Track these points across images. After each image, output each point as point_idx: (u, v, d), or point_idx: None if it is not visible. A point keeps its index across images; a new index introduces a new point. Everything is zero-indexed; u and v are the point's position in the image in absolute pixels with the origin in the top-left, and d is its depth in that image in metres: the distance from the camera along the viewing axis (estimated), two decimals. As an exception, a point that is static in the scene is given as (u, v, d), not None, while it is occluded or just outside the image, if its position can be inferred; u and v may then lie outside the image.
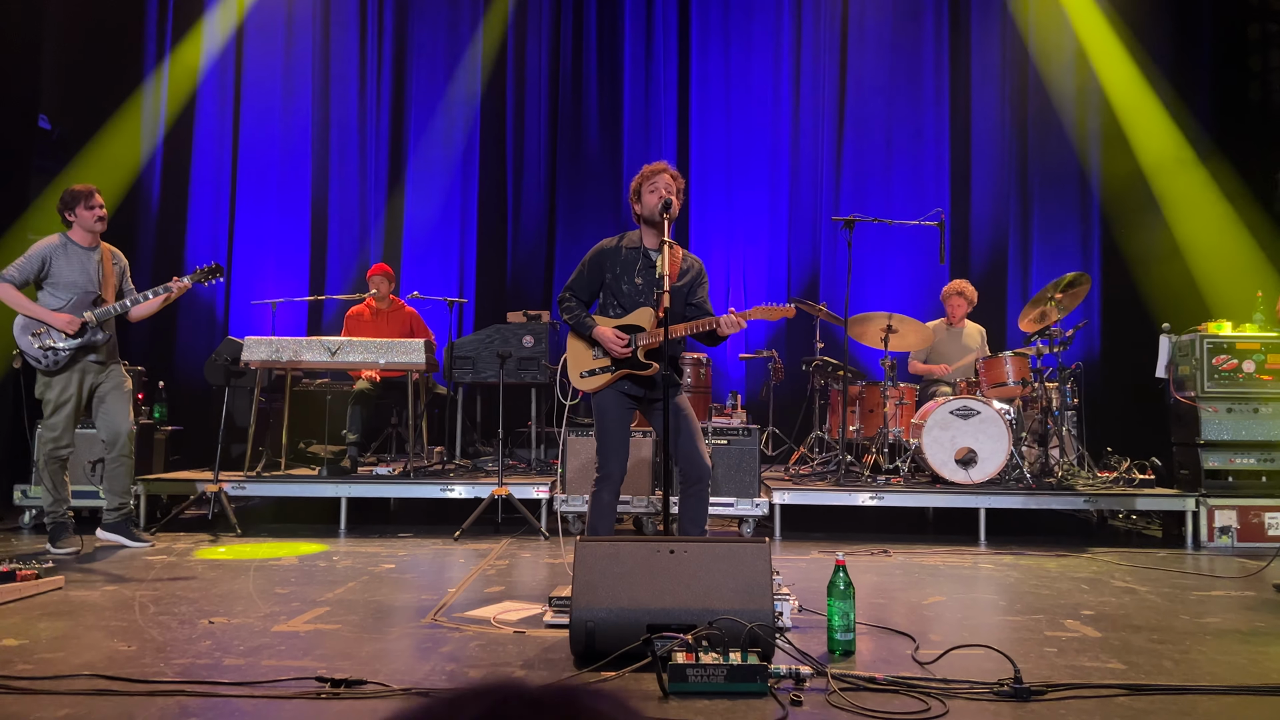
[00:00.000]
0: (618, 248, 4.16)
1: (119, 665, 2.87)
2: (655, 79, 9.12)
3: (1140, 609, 3.94)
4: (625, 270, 4.11)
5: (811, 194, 8.99)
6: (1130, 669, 3.00)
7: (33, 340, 5.01)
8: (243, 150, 8.83)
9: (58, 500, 5.16)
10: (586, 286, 4.17)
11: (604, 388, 4.07)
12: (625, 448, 4.13)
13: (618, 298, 4.11)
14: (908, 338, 6.82)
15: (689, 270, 4.18)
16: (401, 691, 2.64)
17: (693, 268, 4.21)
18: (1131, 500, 6.15)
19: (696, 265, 4.24)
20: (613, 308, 4.13)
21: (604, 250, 4.17)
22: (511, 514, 6.16)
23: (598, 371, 4.08)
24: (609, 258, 4.14)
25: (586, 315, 4.13)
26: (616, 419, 4.08)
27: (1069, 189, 8.67)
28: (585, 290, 4.18)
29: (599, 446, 4.09)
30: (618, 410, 4.08)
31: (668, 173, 4.04)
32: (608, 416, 4.07)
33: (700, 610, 2.93)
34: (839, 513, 6.58)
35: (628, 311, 4.10)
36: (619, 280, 4.11)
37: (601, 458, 4.05)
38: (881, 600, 4.10)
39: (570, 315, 4.14)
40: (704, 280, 4.24)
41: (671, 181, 4.03)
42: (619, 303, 4.11)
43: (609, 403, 4.08)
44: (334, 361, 6.21)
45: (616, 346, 4.00)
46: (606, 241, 4.21)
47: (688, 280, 4.16)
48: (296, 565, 4.78)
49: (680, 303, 4.12)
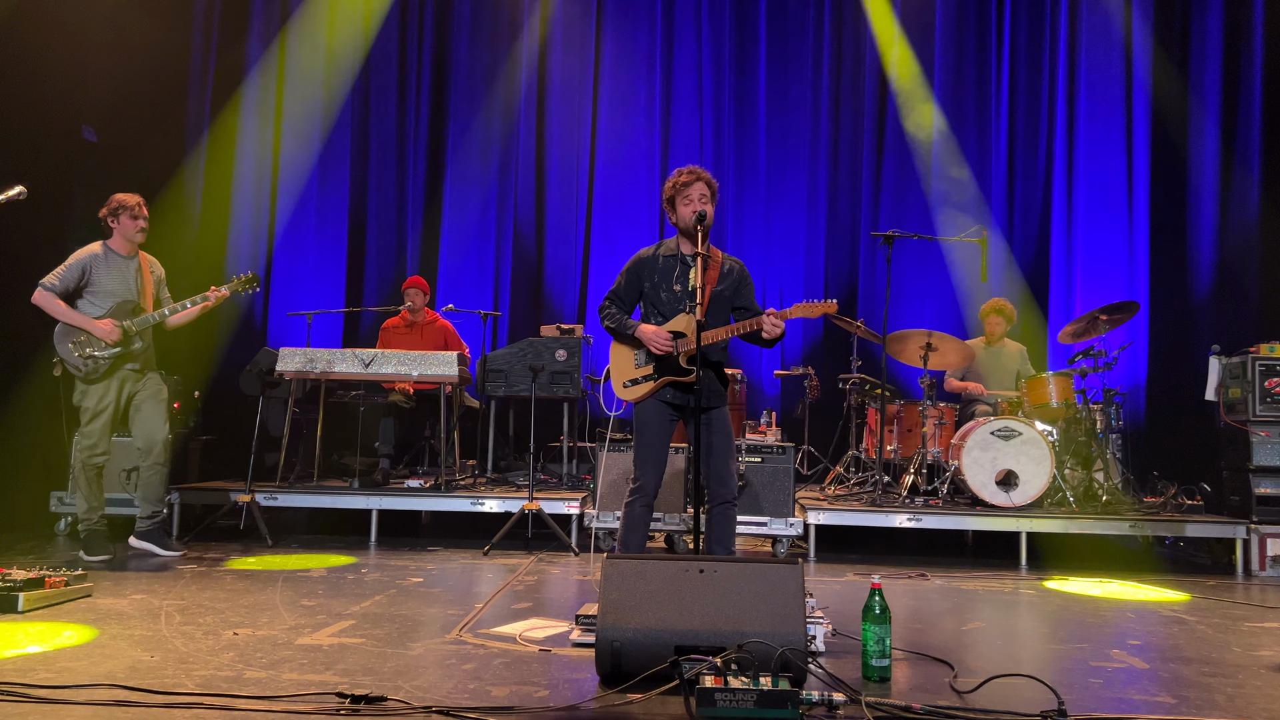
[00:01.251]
0: (655, 256, 4.13)
1: (140, 675, 2.84)
2: (693, 93, 9.08)
3: (1190, 640, 3.79)
4: (663, 278, 4.07)
5: (850, 210, 8.90)
6: (1181, 704, 2.86)
7: (73, 348, 5.05)
8: (284, 163, 8.91)
9: (92, 508, 5.18)
10: (627, 295, 4.16)
11: (646, 397, 4.03)
12: (663, 461, 4.08)
13: (657, 305, 4.09)
14: (947, 356, 6.69)
15: (730, 273, 4.13)
16: (422, 709, 2.58)
17: (734, 270, 4.15)
18: (1180, 526, 5.96)
19: (738, 268, 4.18)
20: (654, 316, 4.10)
21: (642, 259, 4.14)
22: (542, 529, 6.10)
23: (640, 380, 4.04)
24: (647, 266, 4.11)
25: (628, 319, 4.10)
26: (656, 430, 4.03)
27: (1115, 205, 8.48)
28: (626, 299, 4.16)
29: (636, 457, 4.03)
30: (658, 422, 4.04)
31: (701, 180, 3.98)
32: (648, 428, 4.03)
33: (730, 632, 2.85)
34: (875, 534, 6.44)
35: (668, 319, 4.06)
36: (657, 289, 4.08)
37: (638, 469, 4.00)
38: (919, 625, 3.98)
39: (612, 320, 4.12)
40: (747, 282, 4.19)
41: (705, 189, 3.98)
42: (659, 310, 4.09)
43: (650, 414, 4.04)
44: (367, 373, 6.21)
45: (660, 343, 3.95)
46: (644, 251, 4.18)
47: (729, 284, 4.11)
48: (325, 577, 4.75)
49: (724, 308, 4.09)
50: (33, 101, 6.44)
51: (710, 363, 4.04)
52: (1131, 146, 8.50)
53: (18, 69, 6.30)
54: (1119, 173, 8.50)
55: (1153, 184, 8.39)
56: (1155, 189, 8.38)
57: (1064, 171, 8.62)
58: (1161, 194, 8.35)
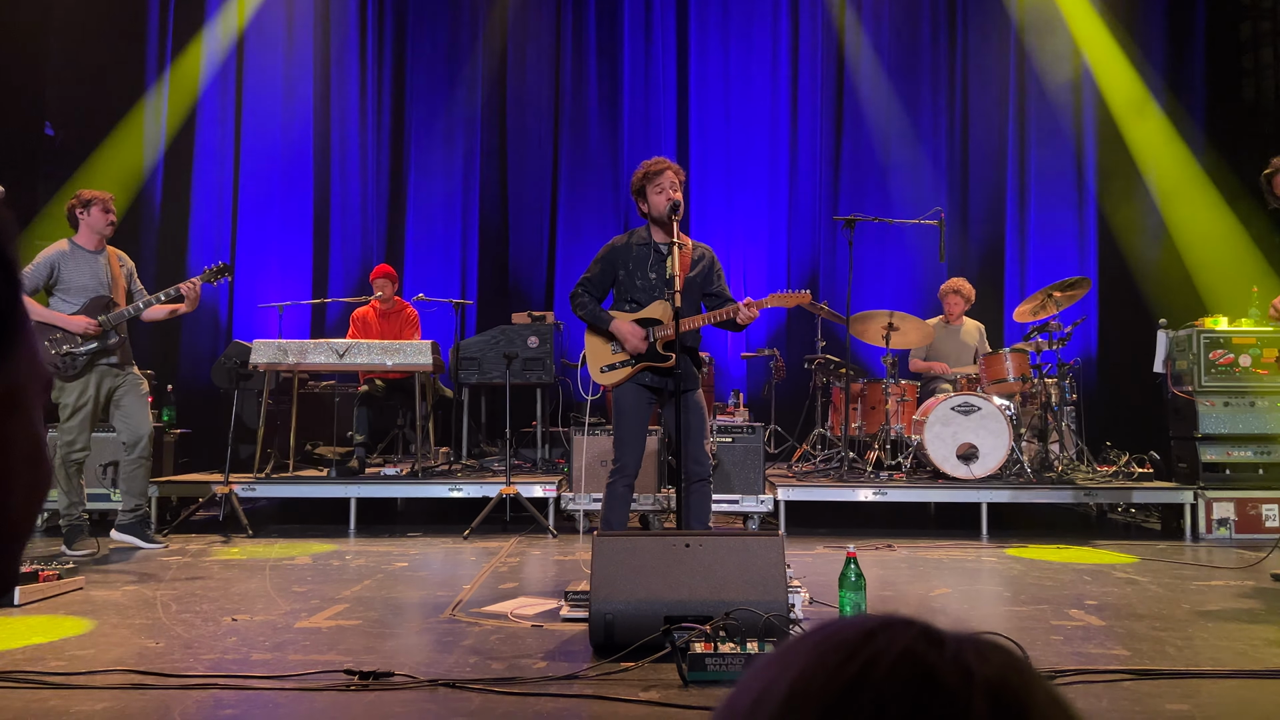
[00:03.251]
0: (629, 244, 4.22)
1: (150, 661, 2.94)
2: (655, 78, 9.19)
3: (1142, 598, 4.03)
4: (638, 266, 4.18)
5: (811, 193, 9.08)
6: (1135, 655, 3.08)
7: (49, 346, 5.07)
8: (244, 155, 8.88)
9: (73, 503, 5.21)
10: (600, 283, 4.24)
11: (624, 381, 4.15)
12: (641, 442, 4.21)
13: (632, 293, 4.19)
14: (909, 335, 6.90)
15: (700, 260, 4.23)
16: (429, 683, 2.71)
17: (704, 257, 4.25)
18: (1130, 493, 6.23)
19: (708, 255, 4.28)
20: (628, 303, 4.21)
21: (615, 247, 4.24)
22: (519, 513, 6.23)
23: (618, 365, 4.16)
24: (621, 255, 4.21)
25: (601, 310, 4.19)
26: (635, 413, 4.16)
27: (1065, 186, 8.76)
28: (598, 287, 4.24)
29: (616, 440, 4.17)
30: (636, 404, 4.16)
31: (670, 169, 4.07)
32: (626, 411, 4.15)
33: (716, 602, 3.01)
34: (842, 508, 6.66)
35: (643, 306, 4.17)
36: (632, 276, 4.18)
37: (617, 450, 4.14)
38: (888, 593, 4.18)
39: (585, 311, 4.19)
40: (717, 269, 4.28)
41: (675, 177, 4.08)
42: (633, 298, 4.19)
43: (628, 397, 4.16)
44: (342, 364, 6.28)
45: (634, 340, 4.07)
46: (618, 239, 4.28)
47: (700, 271, 4.21)
48: (310, 564, 4.85)
49: (695, 294, 4.19)
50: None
51: (685, 348, 4.17)
52: (1080, 123, 8.76)
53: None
54: (1068, 151, 8.76)
55: (1099, 162, 8.67)
56: (1102, 167, 8.66)
57: (1016, 153, 8.87)
58: (1108, 169, 8.62)
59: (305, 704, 2.55)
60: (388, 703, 2.56)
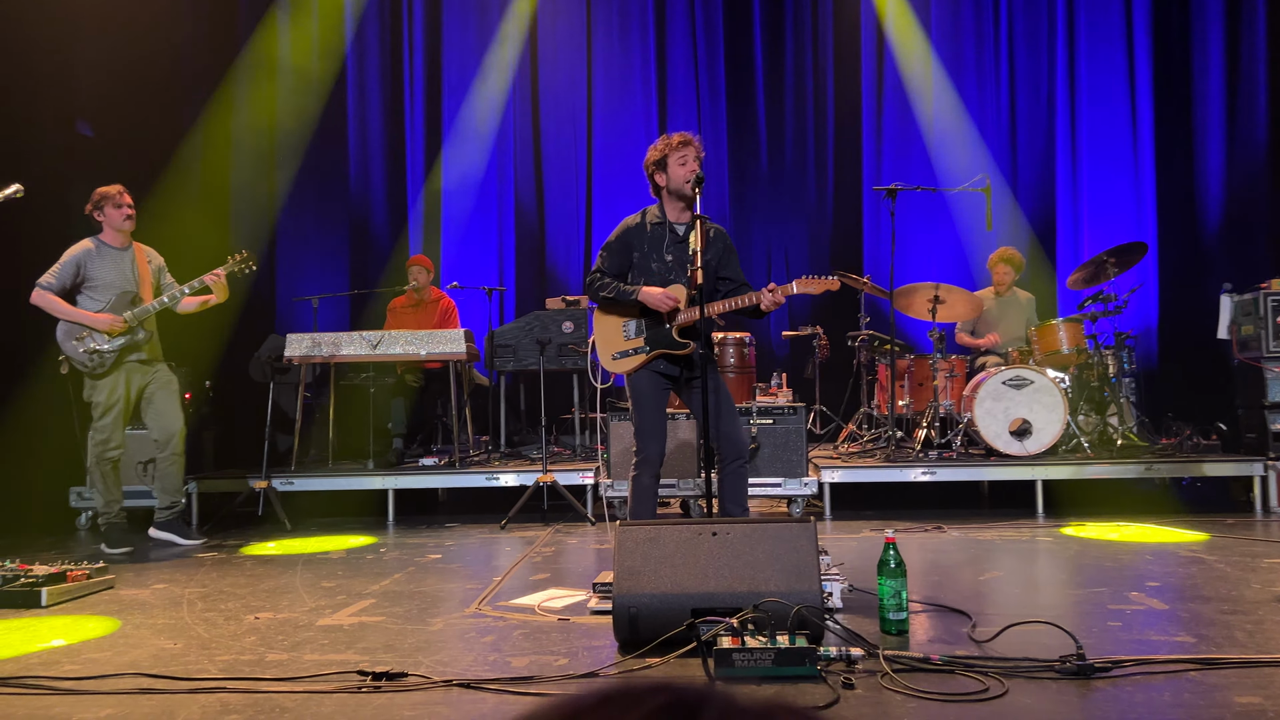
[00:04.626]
0: (642, 224, 4.03)
1: (164, 663, 2.87)
2: (689, 54, 8.98)
3: (1209, 579, 3.78)
4: (653, 247, 3.99)
5: (851, 165, 8.82)
6: (1200, 642, 2.86)
7: (76, 345, 5.06)
8: (280, 146, 8.86)
9: (110, 501, 5.22)
10: (615, 267, 4.04)
11: (638, 369, 3.98)
12: (662, 429, 4.04)
13: (647, 277, 3.99)
14: (956, 308, 6.64)
15: (716, 241, 4.03)
16: (443, 683, 2.60)
17: (719, 238, 4.05)
18: (1196, 466, 5.94)
19: (722, 235, 4.08)
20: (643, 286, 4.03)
21: (630, 229, 4.05)
22: (557, 501, 6.13)
23: (630, 353, 3.97)
24: (635, 236, 4.02)
25: (624, 282, 4.00)
26: (652, 400, 3.98)
27: (1120, 147, 8.39)
28: (614, 271, 4.05)
29: (636, 429, 4.00)
30: (653, 391, 3.99)
31: (694, 144, 3.91)
32: (643, 398, 3.98)
33: (745, 593, 2.85)
34: (890, 490, 6.45)
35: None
36: (647, 259, 3.99)
37: (639, 441, 3.97)
38: (936, 578, 3.99)
39: (607, 289, 3.98)
40: (732, 251, 4.09)
41: (698, 154, 3.91)
42: (649, 282, 3.98)
43: (644, 384, 3.98)
44: (375, 354, 6.21)
45: (666, 304, 3.86)
46: (630, 219, 4.08)
47: (716, 252, 4.02)
48: (344, 558, 4.78)
49: (710, 277, 3.99)
50: (25, 98, 6.41)
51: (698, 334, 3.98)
52: (1134, 86, 8.38)
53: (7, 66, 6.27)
54: (1123, 113, 8.39)
55: (1157, 123, 8.28)
56: (1160, 128, 8.27)
57: (1066, 115, 8.51)
58: (1166, 133, 8.25)
59: (312, 707, 2.44)
60: (398, 705, 2.45)
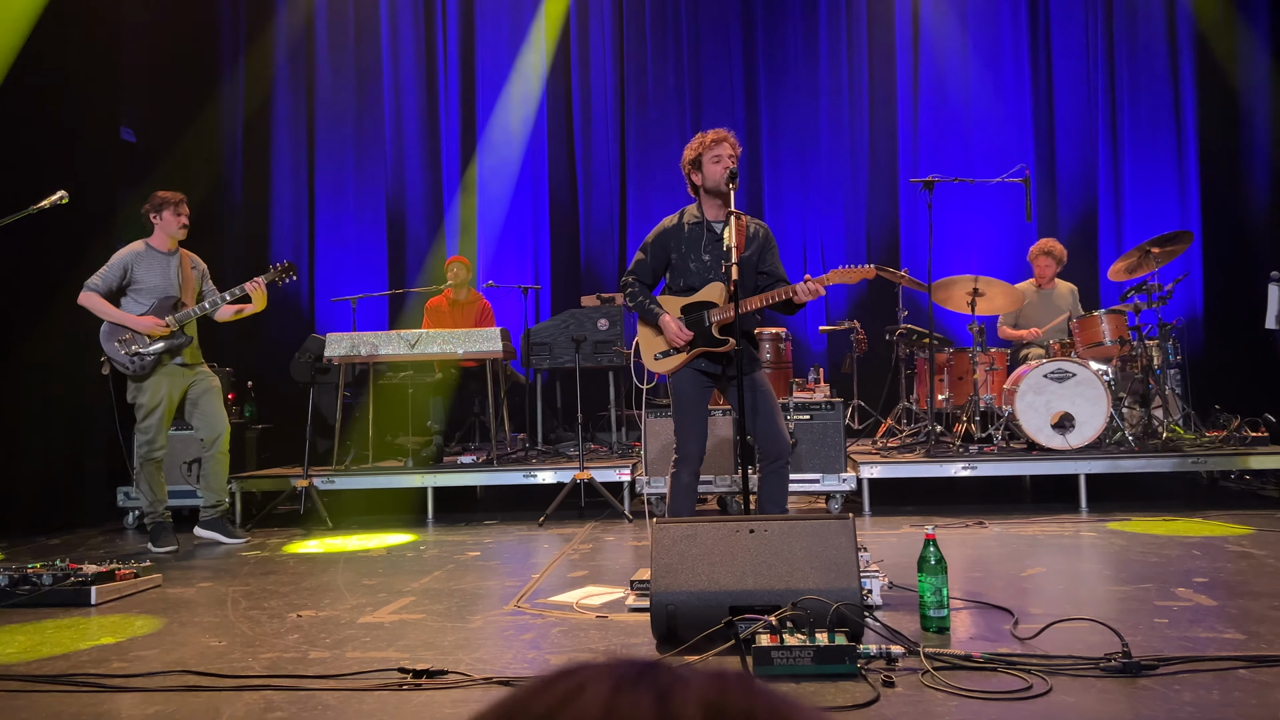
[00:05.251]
0: (679, 224, 4.04)
1: (209, 661, 2.91)
2: (722, 51, 8.95)
3: (1259, 574, 3.70)
4: (690, 247, 3.99)
5: (888, 157, 8.74)
6: (1250, 639, 2.80)
7: (119, 347, 5.15)
8: (319, 148, 8.97)
9: (155, 501, 5.31)
10: (650, 269, 4.07)
11: (680, 368, 3.99)
12: (703, 428, 4.04)
13: (685, 277, 4.00)
14: (996, 300, 6.56)
15: (755, 237, 4.03)
16: (482, 681, 2.62)
17: (759, 234, 4.05)
18: (1244, 459, 5.82)
19: (763, 231, 4.08)
20: (682, 287, 4.03)
21: (666, 230, 4.06)
22: (594, 498, 6.14)
23: (671, 352, 3.99)
24: (672, 236, 4.03)
25: (650, 301, 4.02)
26: (693, 399, 3.99)
27: (1163, 134, 8.24)
28: (649, 273, 4.07)
29: (676, 427, 4.01)
30: (694, 390, 3.99)
31: (729, 140, 3.90)
32: (684, 397, 3.99)
33: (783, 590, 2.84)
34: (930, 485, 6.39)
35: (697, 289, 3.98)
36: (685, 259, 3.99)
37: (679, 438, 3.98)
38: (977, 574, 3.94)
39: (634, 301, 4.04)
40: (772, 245, 4.08)
41: (732, 149, 3.90)
42: (687, 282, 4.00)
43: (685, 383, 3.99)
44: (413, 353, 6.27)
45: (678, 341, 3.91)
46: (667, 220, 4.09)
47: (755, 248, 4.01)
48: (385, 556, 4.83)
49: (750, 273, 3.99)
50: (70, 105, 6.53)
51: (743, 331, 3.97)
52: (1177, 71, 8.22)
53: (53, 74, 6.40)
54: (1165, 99, 8.24)
55: (1201, 108, 8.12)
56: (1204, 113, 8.11)
57: (1106, 102, 8.37)
58: (1211, 118, 8.08)
59: (354, 705, 2.47)
60: (439, 703, 2.47)
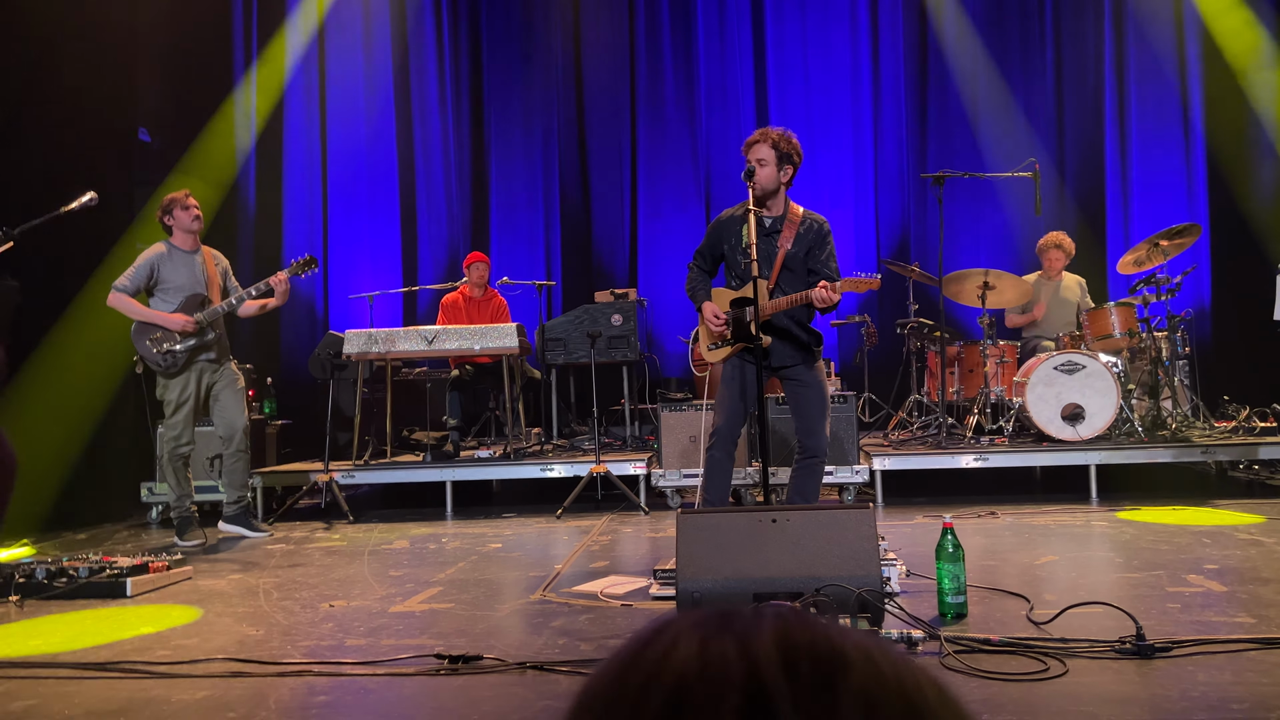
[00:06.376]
0: (733, 217, 4.13)
1: (249, 649, 3.01)
2: (730, 47, 9.02)
3: (1268, 561, 3.78)
4: (740, 240, 4.08)
5: (896, 153, 8.81)
6: (1261, 622, 2.88)
7: (150, 345, 5.25)
8: (331, 148, 9.05)
9: (182, 496, 5.41)
10: (709, 256, 4.22)
11: (728, 358, 4.16)
12: (739, 407, 4.13)
13: (734, 269, 4.15)
14: (1006, 293, 6.63)
15: (808, 233, 4.08)
16: (517, 666, 2.71)
17: (811, 230, 4.09)
18: (1253, 450, 5.89)
19: (815, 227, 4.11)
20: (733, 279, 4.17)
21: (722, 220, 4.17)
22: (610, 491, 6.23)
23: (718, 345, 4.16)
24: (726, 228, 4.13)
25: (701, 288, 4.18)
26: (731, 379, 4.13)
27: (1170, 128, 8.29)
28: (708, 260, 4.23)
29: (715, 404, 4.19)
30: (735, 374, 4.12)
31: (763, 141, 4.04)
32: (726, 378, 4.15)
33: (806, 578, 2.92)
34: (942, 476, 6.47)
35: (744, 281, 4.06)
36: (735, 251, 4.10)
37: (716, 415, 4.15)
38: (992, 562, 4.02)
39: (689, 287, 4.22)
40: (825, 243, 4.10)
41: (766, 150, 4.04)
42: (736, 274, 4.14)
43: (730, 368, 4.15)
44: (431, 349, 6.36)
45: (714, 326, 4.06)
46: (727, 210, 4.21)
47: (805, 244, 4.06)
48: (408, 548, 4.92)
49: (799, 270, 4.06)
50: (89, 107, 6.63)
51: (778, 328, 4.05)
52: (1184, 63, 8.27)
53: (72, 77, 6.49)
54: (1172, 91, 8.29)
55: (1207, 100, 8.17)
56: (1210, 105, 8.16)
57: (1114, 95, 8.43)
58: (1218, 110, 8.13)
59: (395, 689, 2.56)
60: (476, 686, 2.56)
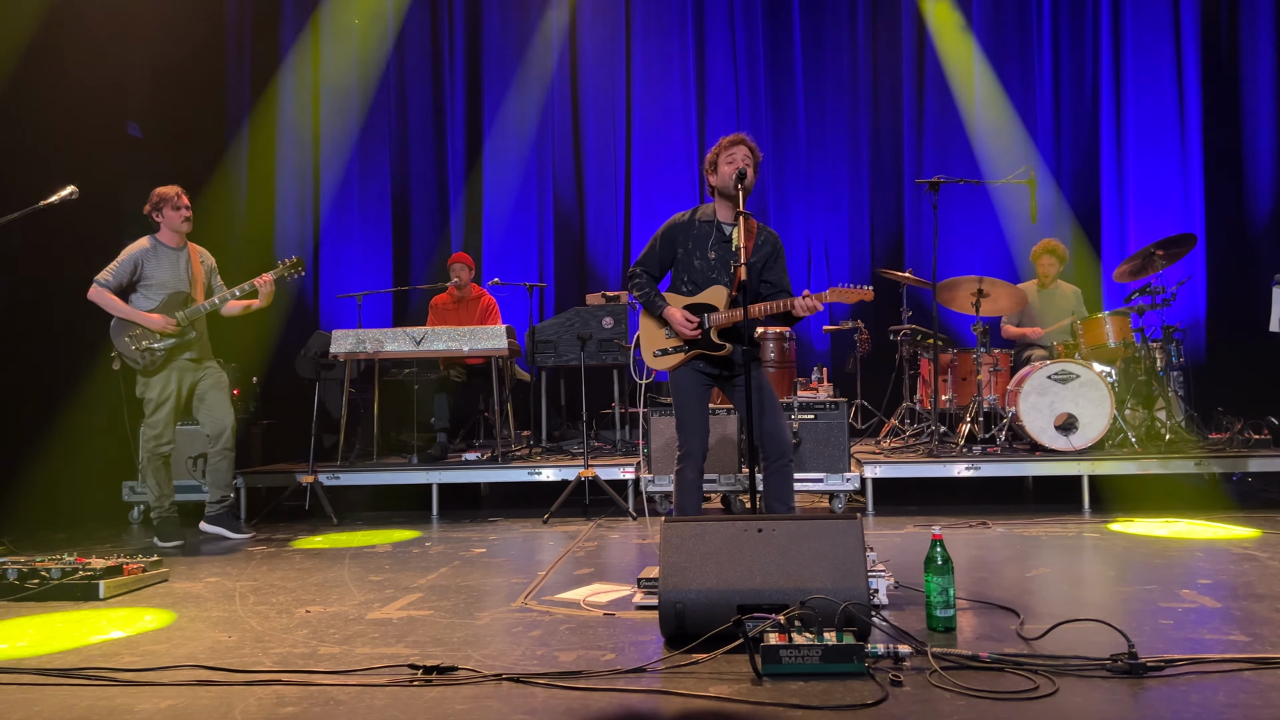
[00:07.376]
0: (690, 221, 4.07)
1: (220, 655, 2.93)
2: (726, 49, 8.96)
3: (1263, 576, 3.72)
4: (698, 245, 4.02)
5: (892, 157, 8.76)
6: (1255, 641, 2.82)
7: (129, 342, 5.17)
8: (323, 146, 8.98)
9: (161, 496, 5.33)
10: (657, 262, 4.11)
11: (678, 366, 4.02)
12: (704, 423, 4.07)
13: (689, 274, 4.03)
14: (1000, 301, 6.58)
15: (764, 244, 4.07)
16: (493, 677, 2.63)
17: (768, 242, 4.09)
18: (1246, 462, 5.84)
19: (772, 239, 4.12)
20: (684, 284, 4.06)
21: (676, 224, 4.10)
22: (599, 495, 6.16)
23: (670, 351, 4.03)
24: (681, 232, 4.07)
25: (656, 294, 4.07)
26: (693, 395, 4.03)
27: (1167, 138, 8.25)
28: (655, 265, 4.12)
29: (678, 424, 4.05)
30: (694, 387, 4.03)
31: (745, 144, 3.93)
32: (684, 394, 4.02)
33: (792, 589, 2.86)
34: (934, 485, 6.41)
35: (700, 289, 4.01)
36: (691, 255, 4.03)
37: (681, 435, 4.01)
38: (982, 574, 3.96)
39: (640, 293, 4.09)
40: (780, 255, 4.12)
41: (749, 154, 3.93)
42: (691, 279, 4.03)
43: (685, 380, 4.03)
44: (418, 350, 6.28)
45: (686, 330, 3.95)
46: (679, 215, 4.13)
47: (763, 255, 4.06)
48: (391, 552, 4.85)
49: (754, 279, 4.02)
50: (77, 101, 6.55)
51: (738, 334, 3.99)
52: (1182, 74, 8.24)
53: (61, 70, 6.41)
54: (1169, 101, 8.26)
55: (1205, 112, 8.13)
56: (1208, 117, 8.13)
57: (1111, 105, 8.39)
58: (1215, 122, 8.10)
59: (366, 700, 2.49)
60: (450, 699, 2.49)
